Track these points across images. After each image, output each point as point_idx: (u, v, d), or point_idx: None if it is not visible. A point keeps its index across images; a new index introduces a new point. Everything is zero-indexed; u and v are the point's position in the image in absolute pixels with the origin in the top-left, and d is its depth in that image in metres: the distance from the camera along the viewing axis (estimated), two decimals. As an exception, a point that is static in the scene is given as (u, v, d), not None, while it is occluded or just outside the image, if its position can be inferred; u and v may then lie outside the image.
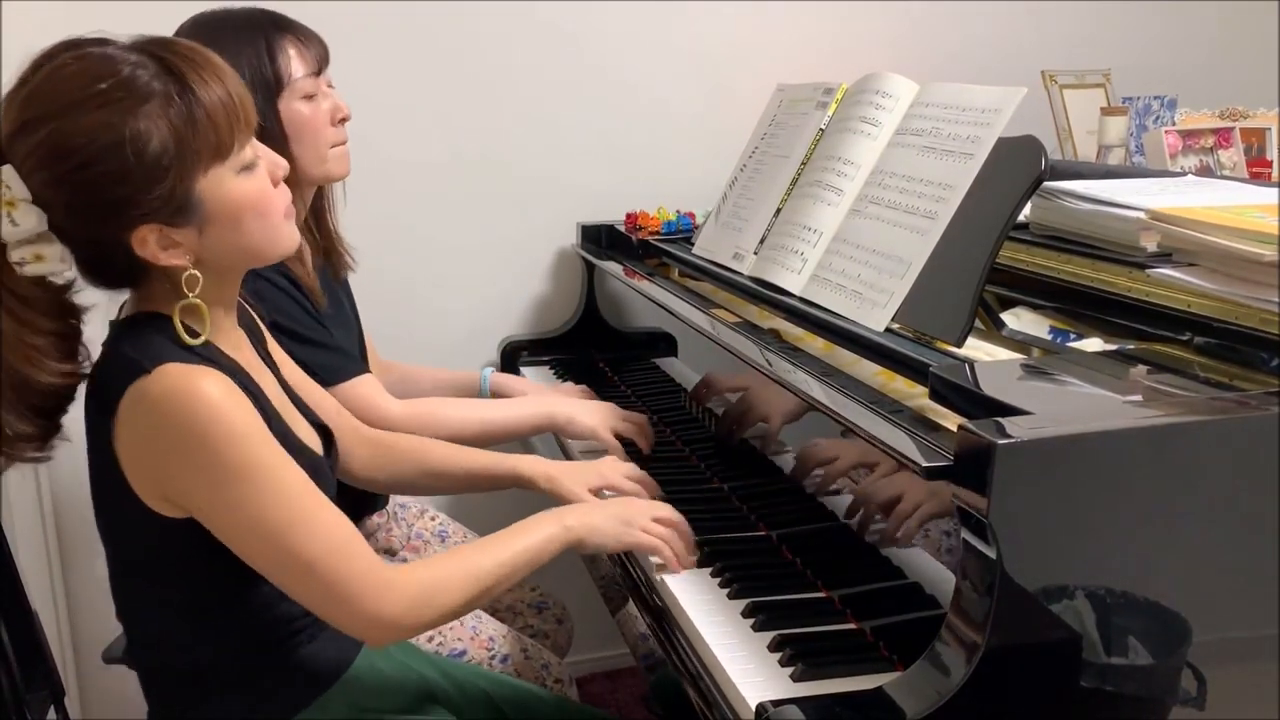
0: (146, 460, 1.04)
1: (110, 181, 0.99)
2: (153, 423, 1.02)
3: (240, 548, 1.06)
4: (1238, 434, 1.00)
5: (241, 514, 1.03)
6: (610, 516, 1.29)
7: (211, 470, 1.01)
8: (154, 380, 1.01)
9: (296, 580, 1.06)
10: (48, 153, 0.99)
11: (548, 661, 1.66)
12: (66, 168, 0.99)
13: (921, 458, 1.01)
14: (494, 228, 2.28)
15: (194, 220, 1.05)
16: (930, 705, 0.92)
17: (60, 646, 2.11)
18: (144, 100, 0.99)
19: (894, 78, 1.53)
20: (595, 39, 2.26)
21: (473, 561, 1.15)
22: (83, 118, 0.98)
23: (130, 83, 1.00)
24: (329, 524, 1.06)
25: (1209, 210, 1.22)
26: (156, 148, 0.99)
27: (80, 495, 2.13)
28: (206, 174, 1.04)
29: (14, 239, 1.00)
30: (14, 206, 0.99)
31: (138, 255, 1.04)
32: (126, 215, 1.01)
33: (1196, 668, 1.00)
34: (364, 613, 1.06)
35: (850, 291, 1.39)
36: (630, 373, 2.08)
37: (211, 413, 1.00)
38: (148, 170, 1.00)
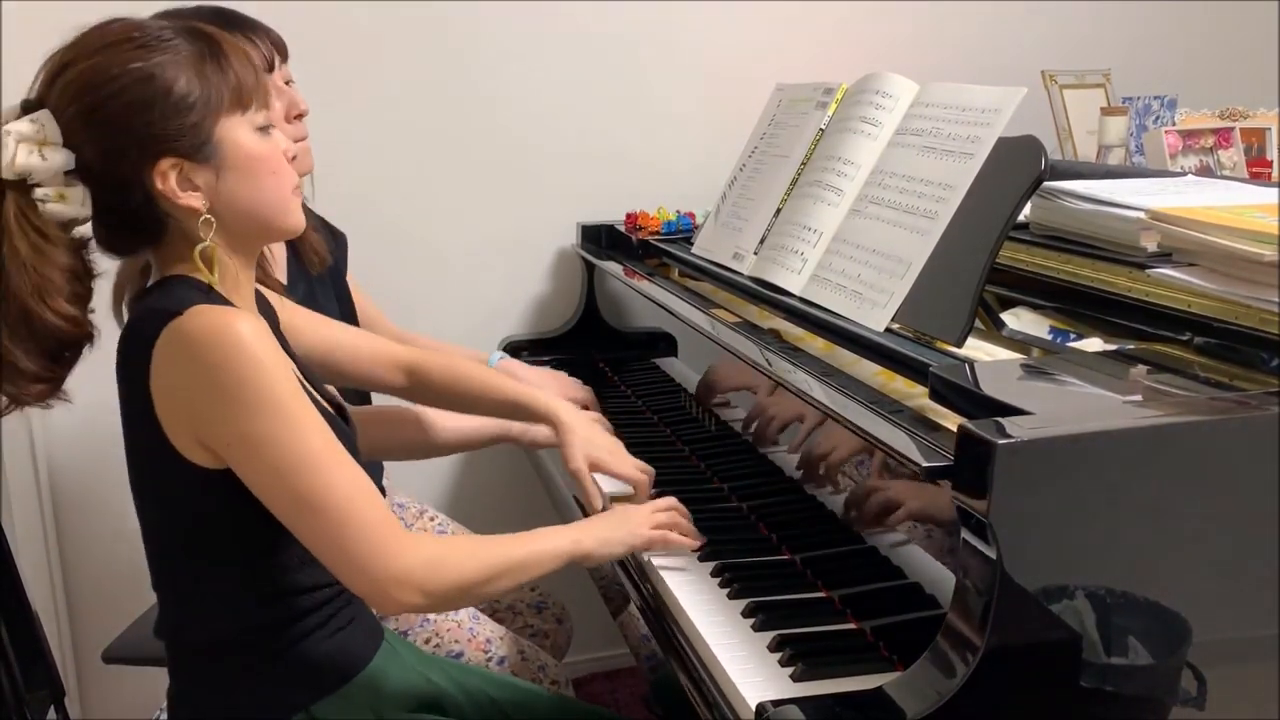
0: (180, 399, 1.07)
1: (137, 110, 1.06)
2: (187, 359, 1.05)
3: (263, 488, 1.07)
4: (1238, 434, 1.00)
5: (267, 450, 1.05)
6: (616, 526, 1.31)
7: (241, 404, 1.04)
8: (187, 318, 1.04)
9: (311, 522, 1.07)
10: (81, 87, 1.06)
11: (545, 663, 1.65)
12: (97, 97, 1.05)
13: (921, 458, 1.01)
14: (494, 228, 2.29)
15: (212, 161, 1.10)
16: (930, 705, 0.92)
17: (60, 646, 2.11)
18: (174, 50, 1.08)
19: (894, 78, 1.53)
20: (595, 39, 2.26)
21: (482, 547, 1.18)
22: (115, 55, 1.06)
23: (162, 35, 1.09)
24: (350, 471, 1.09)
25: (1209, 210, 1.22)
26: (183, 87, 1.07)
27: (80, 494, 2.14)
28: (227, 119, 1.10)
29: (42, 174, 1.05)
30: (45, 144, 1.05)
31: (157, 199, 1.08)
32: (150, 146, 1.07)
33: (1196, 668, 1.00)
34: (373, 564, 1.07)
35: (850, 291, 1.39)
36: (630, 373, 2.08)
37: (242, 347, 1.04)
38: (173, 103, 1.07)
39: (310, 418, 1.07)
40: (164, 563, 1.19)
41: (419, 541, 1.12)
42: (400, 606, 1.10)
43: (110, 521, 2.16)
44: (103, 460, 2.14)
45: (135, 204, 1.09)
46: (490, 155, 2.25)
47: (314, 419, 1.08)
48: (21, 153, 1.04)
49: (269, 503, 1.08)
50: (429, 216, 2.24)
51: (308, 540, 1.09)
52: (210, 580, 1.16)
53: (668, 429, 1.80)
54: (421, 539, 1.14)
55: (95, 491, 2.15)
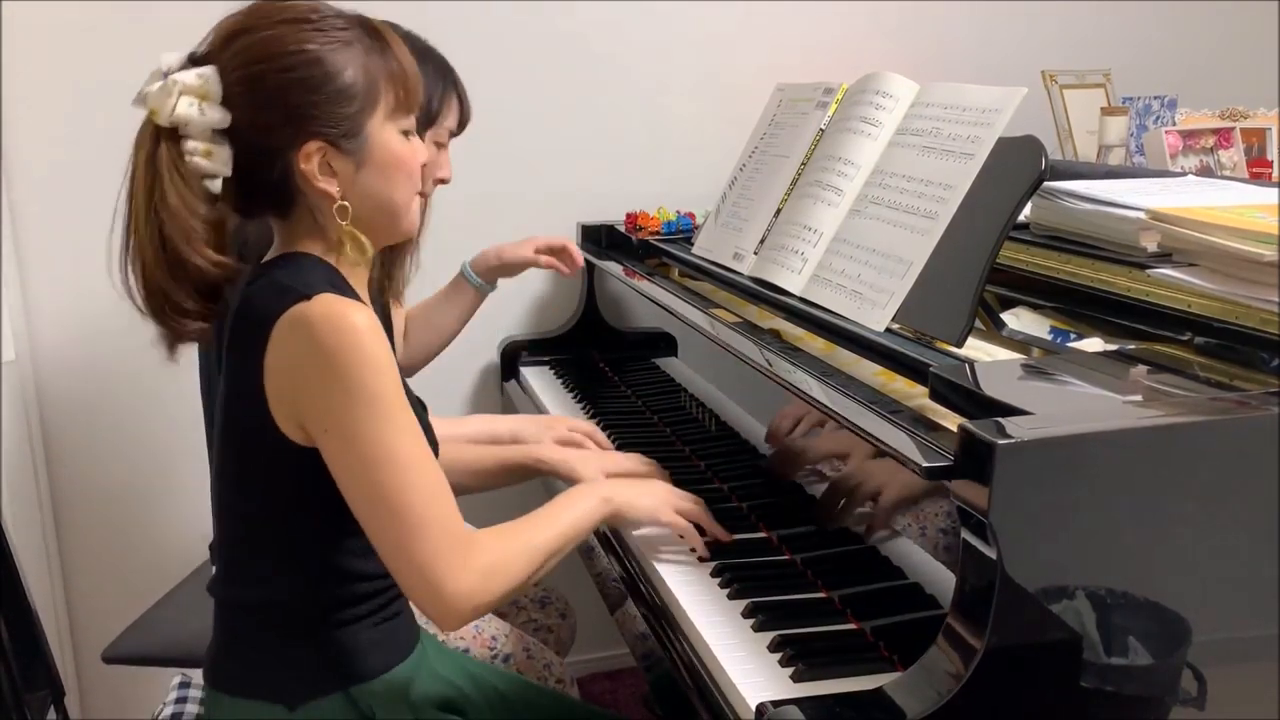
0: (291, 379, 1.09)
1: (302, 89, 1.09)
2: (305, 343, 1.07)
3: (348, 477, 1.09)
4: (1238, 434, 1.00)
5: (360, 440, 1.07)
6: (644, 493, 1.35)
7: (348, 393, 1.06)
8: (314, 305, 1.08)
9: (387, 519, 1.09)
10: (255, 55, 1.09)
11: (550, 661, 1.65)
12: (267, 68, 1.09)
13: (921, 458, 1.01)
14: (494, 227, 2.28)
15: (356, 154, 1.13)
16: (930, 705, 0.92)
17: (60, 646, 2.11)
18: (348, 43, 1.12)
19: (894, 78, 1.53)
20: (595, 39, 2.26)
21: (530, 538, 1.19)
22: (293, 32, 1.10)
23: (340, 26, 1.13)
24: (432, 473, 1.11)
25: (1209, 210, 1.22)
26: (349, 78, 1.11)
27: (81, 494, 2.14)
28: (380, 120, 1.14)
29: (195, 128, 1.08)
30: (206, 99, 1.08)
31: (294, 176, 1.12)
32: (304, 125, 1.10)
33: (1196, 668, 1.00)
34: (438, 575, 1.09)
35: (850, 291, 1.39)
36: (630, 373, 2.08)
37: (360, 341, 1.07)
38: (336, 91, 1.11)
39: (408, 420, 1.10)
40: (233, 526, 1.21)
41: (478, 550, 1.13)
42: (456, 623, 1.12)
43: (111, 521, 2.16)
44: (104, 460, 2.14)
45: (273, 175, 1.12)
46: (490, 155, 2.25)
47: (411, 422, 1.10)
48: (183, 103, 1.06)
49: (349, 494, 1.10)
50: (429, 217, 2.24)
51: (376, 539, 1.11)
52: (278, 549, 1.18)
53: (668, 429, 1.80)
54: (479, 545, 1.14)
55: (96, 491, 2.15)
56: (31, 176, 1.99)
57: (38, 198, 2.00)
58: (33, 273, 2.03)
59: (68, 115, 1.98)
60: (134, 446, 2.15)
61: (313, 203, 1.15)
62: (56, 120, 1.98)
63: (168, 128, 1.07)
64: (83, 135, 1.97)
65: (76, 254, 1.96)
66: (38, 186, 1.99)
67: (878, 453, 1.17)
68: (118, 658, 1.68)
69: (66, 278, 2.00)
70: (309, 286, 1.09)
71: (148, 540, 2.20)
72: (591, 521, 1.28)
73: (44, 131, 1.98)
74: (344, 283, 1.16)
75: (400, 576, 1.11)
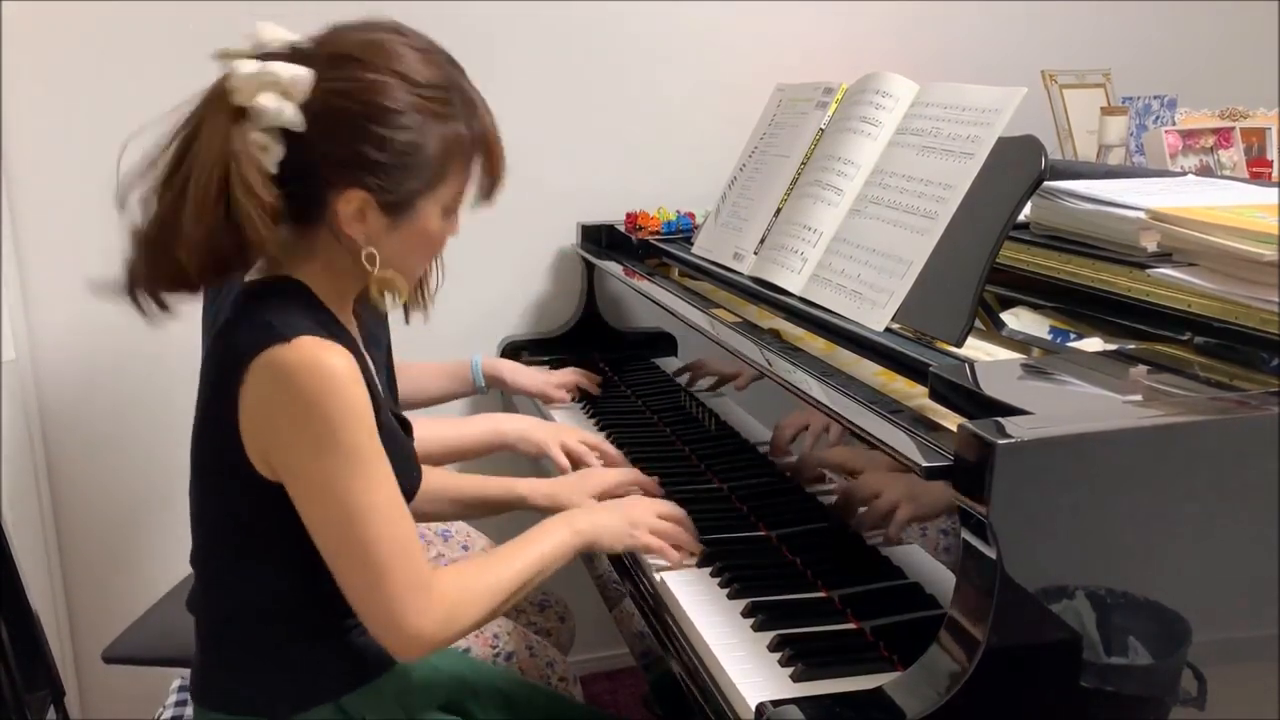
0: (264, 421, 1.08)
1: (378, 146, 1.08)
2: (281, 388, 1.06)
3: (316, 524, 1.09)
4: (1238, 434, 1.00)
5: (332, 492, 1.07)
6: (616, 518, 1.32)
7: (321, 443, 1.05)
8: (291, 349, 1.05)
9: (354, 568, 1.09)
10: (352, 91, 1.07)
11: (553, 659, 1.65)
12: (358, 110, 1.07)
13: (921, 458, 1.01)
14: (494, 228, 2.27)
15: (396, 219, 1.12)
16: (930, 705, 0.92)
17: (60, 646, 2.11)
18: (444, 118, 1.11)
19: (894, 77, 1.53)
20: (595, 39, 2.26)
21: (493, 574, 1.19)
22: (398, 92, 1.08)
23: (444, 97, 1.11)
24: (403, 526, 1.10)
25: (1209, 210, 1.22)
26: (425, 155, 1.10)
27: (81, 495, 2.14)
28: (434, 198, 1.14)
29: (264, 119, 1.06)
30: (289, 98, 1.06)
31: (327, 209, 1.10)
32: (361, 176, 1.08)
33: (1196, 668, 1.00)
34: (402, 619, 1.09)
35: (850, 291, 1.39)
36: (630, 373, 2.08)
37: (337, 388, 1.05)
38: (412, 163, 1.09)
39: (380, 470, 1.09)
40: (210, 543, 1.21)
41: (443, 591, 1.12)
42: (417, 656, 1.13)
43: (111, 521, 2.16)
44: (104, 460, 2.14)
45: (307, 196, 1.10)
46: (490, 155, 2.25)
47: (384, 472, 1.09)
48: (267, 97, 1.05)
49: (316, 537, 1.10)
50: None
51: (342, 580, 1.11)
52: (253, 570, 1.17)
53: (668, 429, 1.80)
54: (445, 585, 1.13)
55: (96, 492, 2.15)
56: (31, 176, 1.98)
57: (38, 198, 2.00)
58: (33, 273, 2.03)
59: (68, 115, 1.98)
60: (134, 446, 2.14)
61: (330, 234, 1.13)
62: (57, 120, 1.98)
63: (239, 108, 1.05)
64: (83, 135, 1.96)
65: (76, 254, 1.95)
66: (38, 186, 1.99)
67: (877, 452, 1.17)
68: (118, 658, 1.68)
69: (66, 278, 2.00)
70: (289, 326, 1.07)
71: (148, 540, 2.20)
72: (561, 555, 1.26)
73: (44, 132, 1.98)
74: (329, 318, 1.14)
75: (361, 615, 1.12)
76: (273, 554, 1.15)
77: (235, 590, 1.18)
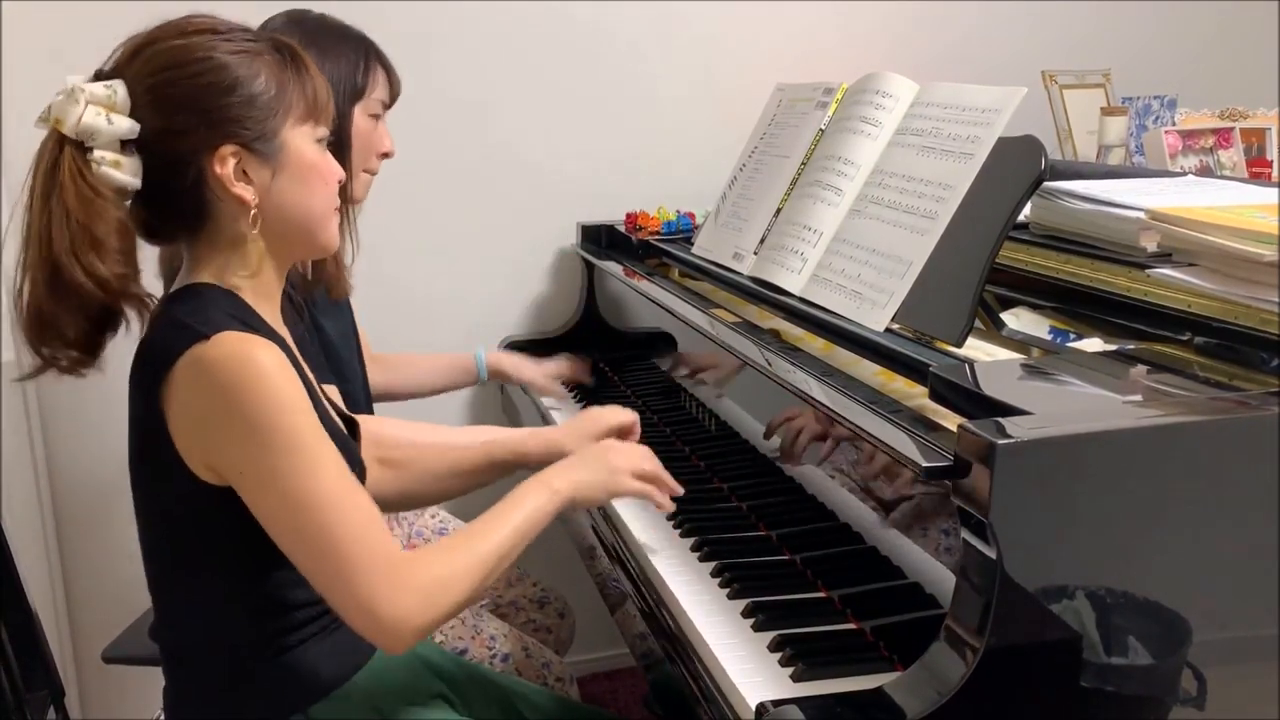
0: (196, 424, 1.06)
1: (213, 93, 1.08)
2: (207, 387, 1.04)
3: (269, 519, 1.07)
4: (1238, 434, 1.00)
5: (278, 484, 1.04)
6: (595, 469, 1.29)
7: (257, 437, 1.03)
8: (212, 345, 1.04)
9: (317, 560, 1.06)
10: (162, 63, 1.08)
11: (549, 660, 1.66)
12: (176, 75, 1.08)
13: (921, 458, 1.01)
14: (494, 228, 2.29)
15: (272, 160, 1.11)
16: (930, 705, 0.92)
17: (60, 646, 2.11)
18: (258, 53, 1.12)
19: (894, 77, 1.53)
20: (595, 39, 2.26)
21: (475, 548, 1.14)
22: (202, 42, 1.10)
23: (249, 38, 1.13)
24: (359, 507, 1.07)
25: (1209, 210, 1.22)
26: (261, 84, 1.11)
27: (80, 495, 2.13)
28: (294, 127, 1.13)
29: (103, 138, 1.06)
30: (114, 110, 1.06)
31: (208, 183, 1.09)
32: (218, 127, 1.08)
33: (1196, 668, 1.00)
34: (376, 605, 1.05)
35: (850, 291, 1.39)
36: (630, 373, 2.08)
37: (265, 381, 1.03)
38: (249, 95, 1.10)
39: (325, 453, 1.06)
40: (161, 568, 1.19)
41: (419, 571, 1.08)
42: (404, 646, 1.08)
43: (111, 522, 2.16)
44: (103, 460, 2.14)
45: (185, 184, 1.09)
46: (490, 155, 2.25)
47: (329, 455, 1.06)
48: (90, 114, 1.05)
49: (274, 534, 1.07)
50: (429, 217, 2.24)
51: (309, 574, 1.08)
52: (206, 590, 1.15)
53: (668, 429, 1.80)
54: (421, 565, 1.09)
55: (95, 492, 2.15)
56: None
57: (38, 198, 2.00)
58: (33, 273, 2.03)
59: (68, 115, 1.98)
60: (134, 446, 2.14)
61: (226, 217, 1.11)
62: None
63: (74, 139, 1.05)
64: (83, 135, 1.97)
65: (76, 254, 1.96)
66: (38, 186, 1.99)
67: (878, 453, 1.17)
68: (118, 658, 1.68)
69: (66, 278, 2.00)
70: (208, 324, 1.05)
71: (148, 540, 2.20)
72: (543, 517, 1.21)
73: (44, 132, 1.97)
74: (250, 314, 1.12)
75: (337, 608, 1.07)
76: (224, 570, 1.13)
77: (191, 616, 1.17)
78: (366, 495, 1.09)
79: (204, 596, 1.15)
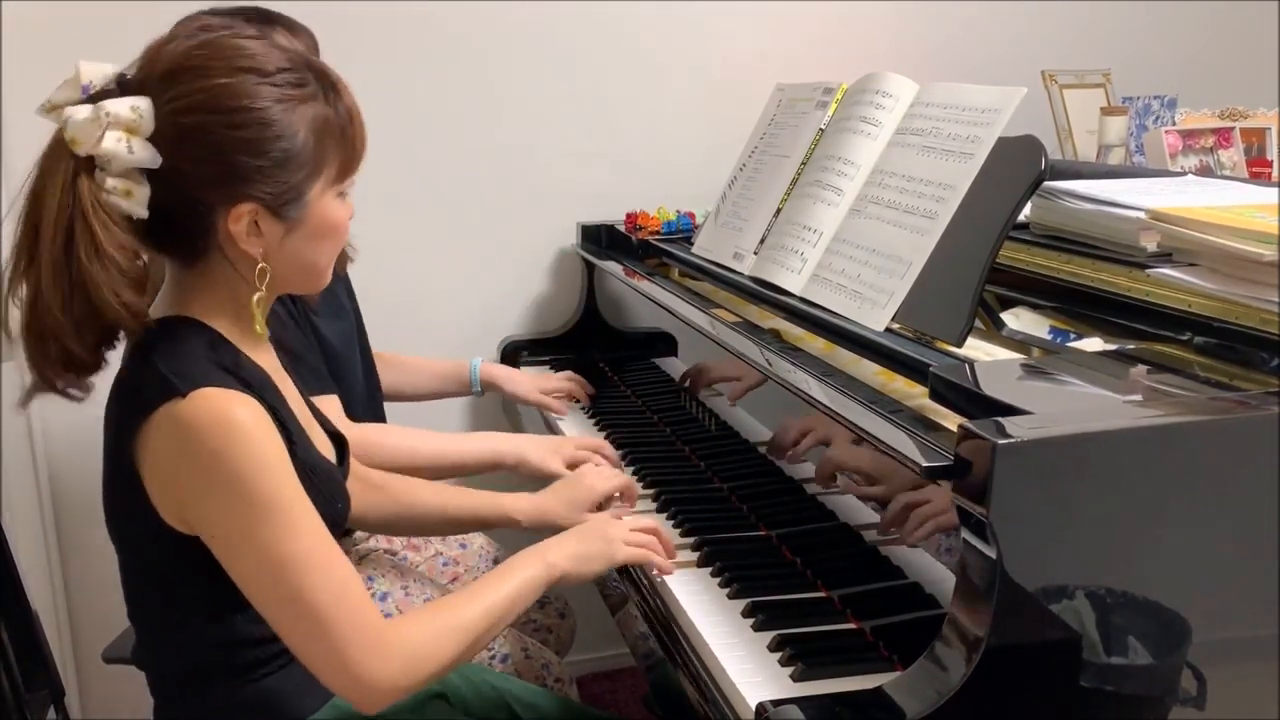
0: (170, 480, 1.04)
1: (248, 150, 1.02)
2: (182, 445, 1.01)
3: (244, 580, 1.04)
4: (1238, 434, 1.00)
5: (253, 545, 1.02)
6: (592, 540, 1.27)
7: (233, 498, 1.00)
8: (189, 403, 1.00)
9: (293, 623, 1.04)
10: (201, 103, 1.01)
11: (548, 661, 1.65)
12: (215, 121, 1.01)
13: (921, 458, 1.01)
14: (494, 228, 2.28)
15: (291, 220, 1.07)
16: (930, 705, 0.92)
17: (60, 646, 2.11)
18: (301, 100, 1.05)
19: (894, 77, 1.53)
20: (595, 39, 2.26)
21: (461, 614, 1.13)
22: (248, 86, 1.02)
23: (295, 82, 1.05)
24: (336, 570, 1.05)
25: (1209, 210, 1.22)
26: (299, 142, 1.04)
27: (80, 495, 2.13)
28: (323, 186, 1.08)
29: (118, 165, 0.99)
30: (135, 135, 0.99)
31: (218, 234, 1.05)
32: (240, 186, 1.03)
33: (1196, 668, 1.00)
34: (355, 671, 1.03)
35: (850, 291, 1.39)
36: (630, 373, 2.08)
37: (242, 442, 1.00)
38: (285, 158, 1.04)
39: (303, 516, 1.03)
40: (137, 597, 1.18)
41: (398, 638, 1.06)
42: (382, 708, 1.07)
43: (110, 521, 2.16)
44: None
45: (192, 226, 1.05)
46: (491, 155, 2.25)
47: (307, 517, 1.04)
48: (110, 139, 0.98)
49: (250, 596, 1.05)
50: (429, 217, 2.24)
51: (285, 637, 1.05)
52: (183, 624, 1.14)
53: (668, 429, 1.80)
54: (402, 632, 1.08)
55: (95, 492, 2.12)
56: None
57: (38, 198, 1.99)
58: (33, 273, 2.03)
59: (68, 115, 1.98)
60: (134, 446, 2.14)
61: (225, 262, 1.08)
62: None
63: (87, 160, 0.99)
64: (83, 135, 1.96)
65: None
66: (38, 186, 1.99)
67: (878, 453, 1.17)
68: (118, 658, 1.68)
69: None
70: (186, 378, 1.01)
71: (148, 540, 2.20)
72: (535, 589, 1.20)
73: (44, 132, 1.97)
74: (234, 356, 1.08)
75: (312, 669, 1.05)
76: (200, 601, 1.11)
77: (167, 645, 1.16)
78: (345, 560, 1.07)
79: (182, 630, 1.14)
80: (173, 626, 1.15)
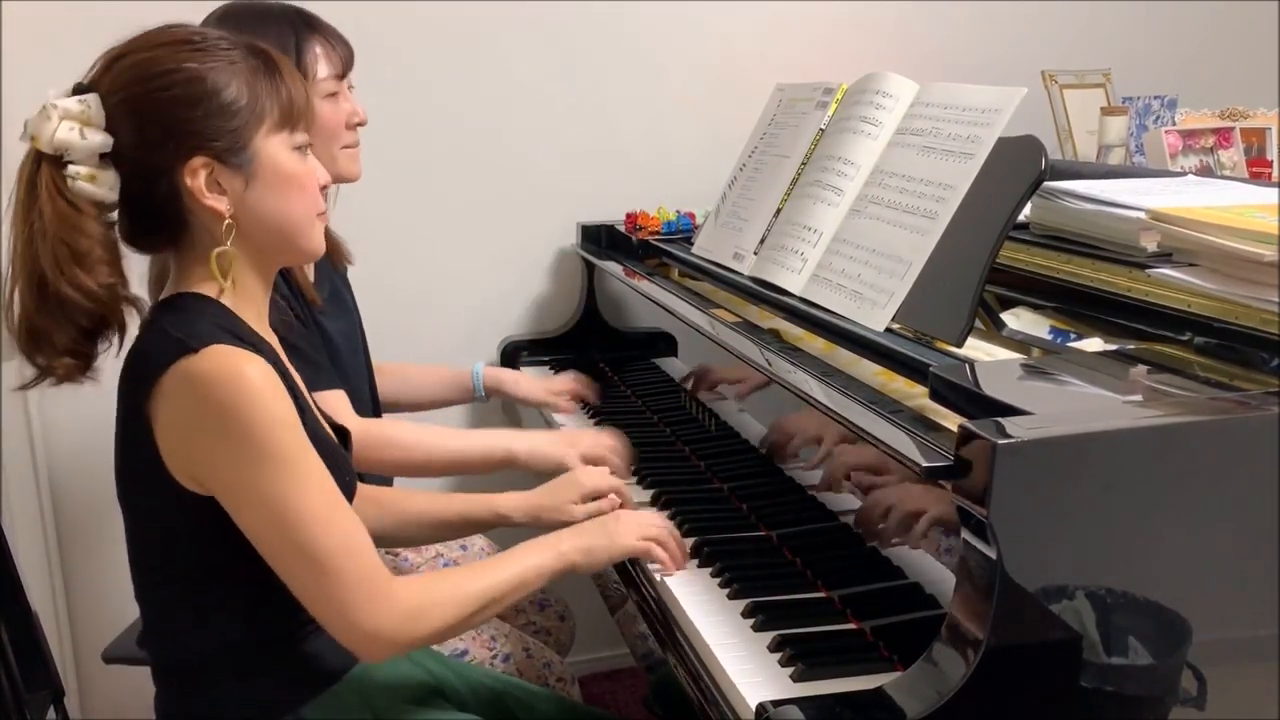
0: (183, 437, 1.07)
1: (182, 105, 1.08)
2: (195, 400, 1.04)
3: (255, 532, 1.07)
4: (1238, 434, 1.00)
5: (263, 498, 1.05)
6: (602, 534, 1.30)
7: (244, 451, 1.04)
8: (201, 359, 1.04)
9: (301, 572, 1.08)
10: (132, 75, 1.08)
11: (550, 660, 1.65)
12: (146, 88, 1.08)
13: (921, 458, 1.01)
14: (494, 228, 2.29)
15: (244, 169, 1.11)
16: (930, 705, 0.92)
17: (60, 646, 2.11)
18: (230, 59, 1.11)
19: (894, 77, 1.53)
20: (595, 39, 2.26)
21: (464, 584, 1.17)
22: (172, 52, 1.09)
23: (220, 43, 1.12)
24: (344, 523, 1.09)
25: (1209, 210, 1.22)
26: (231, 93, 1.10)
27: (81, 495, 2.13)
28: (267, 136, 1.12)
29: (78, 153, 1.07)
30: (88, 125, 1.07)
31: (182, 196, 1.09)
32: (186, 141, 1.08)
33: (1196, 668, 1.00)
34: (357, 618, 1.08)
35: (850, 291, 1.39)
36: (630, 373, 2.08)
37: (254, 396, 1.04)
38: (219, 106, 1.09)
39: (312, 469, 1.07)
40: (148, 577, 1.19)
41: (403, 592, 1.11)
42: (381, 658, 1.11)
43: (110, 522, 2.15)
44: (104, 460, 2.11)
45: (160, 197, 1.10)
46: (491, 155, 2.25)
47: (316, 471, 1.08)
48: (64, 129, 1.06)
49: (260, 547, 1.08)
50: (429, 217, 2.24)
51: (293, 586, 1.09)
52: (192, 597, 1.15)
53: (668, 429, 1.80)
54: (406, 587, 1.12)
55: (95, 492, 2.15)
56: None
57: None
58: (33, 273, 2.03)
59: (68, 115, 1.98)
60: (134, 446, 2.14)
61: (205, 228, 1.11)
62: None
63: (50, 154, 1.06)
64: (83, 135, 1.96)
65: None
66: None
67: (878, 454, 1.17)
68: (118, 658, 1.68)
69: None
70: (196, 337, 1.05)
71: (148, 540, 2.20)
72: (543, 575, 1.23)
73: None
74: (238, 324, 1.12)
75: (321, 619, 1.10)
76: (212, 576, 1.14)
77: (180, 623, 1.17)
78: (353, 513, 1.11)
79: (191, 605, 1.15)
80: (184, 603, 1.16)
